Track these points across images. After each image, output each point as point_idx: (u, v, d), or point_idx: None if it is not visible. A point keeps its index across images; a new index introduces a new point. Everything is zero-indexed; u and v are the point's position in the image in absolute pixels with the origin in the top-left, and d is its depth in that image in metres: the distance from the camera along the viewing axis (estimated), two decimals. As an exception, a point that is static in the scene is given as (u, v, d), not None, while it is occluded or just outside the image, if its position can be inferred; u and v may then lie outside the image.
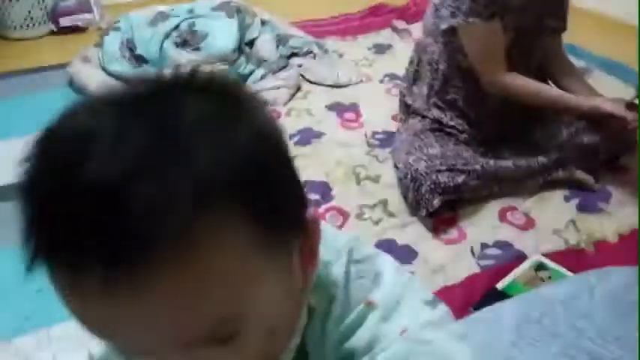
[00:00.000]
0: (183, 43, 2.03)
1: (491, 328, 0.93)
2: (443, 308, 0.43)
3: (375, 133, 1.83)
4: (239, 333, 0.33)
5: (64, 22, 2.84)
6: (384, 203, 1.51)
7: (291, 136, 1.81)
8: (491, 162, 1.50)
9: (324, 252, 0.42)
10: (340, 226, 1.43)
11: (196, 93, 0.32)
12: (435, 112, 1.60)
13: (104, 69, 2.06)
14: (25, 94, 2.12)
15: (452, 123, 1.58)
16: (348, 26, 2.77)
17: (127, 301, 0.29)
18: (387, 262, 0.45)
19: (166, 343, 0.32)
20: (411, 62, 1.68)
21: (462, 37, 1.44)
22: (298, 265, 0.37)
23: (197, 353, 0.33)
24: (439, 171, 1.43)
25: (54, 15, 2.84)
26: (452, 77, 1.54)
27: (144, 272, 0.28)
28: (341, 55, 2.40)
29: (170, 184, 0.28)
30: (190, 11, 2.15)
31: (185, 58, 1.97)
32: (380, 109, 1.96)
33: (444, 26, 1.46)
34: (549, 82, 1.61)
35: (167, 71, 0.34)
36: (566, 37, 1.59)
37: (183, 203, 0.28)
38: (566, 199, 1.50)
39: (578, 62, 2.26)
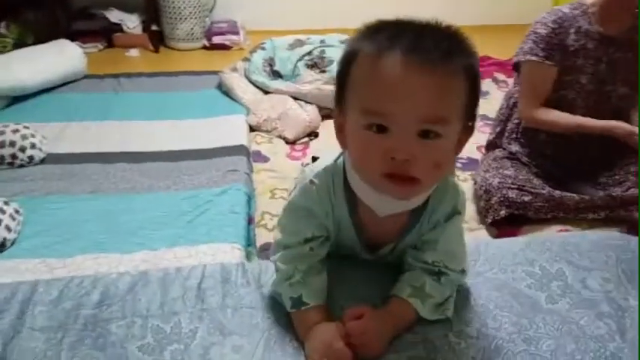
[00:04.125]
0: (313, 65, 2.49)
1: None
2: None
3: (459, 158, 2.13)
4: (437, 138, 0.61)
5: (216, 39, 3.47)
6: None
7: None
8: (558, 192, 1.72)
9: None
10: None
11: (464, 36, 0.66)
12: (513, 148, 1.87)
13: (247, 78, 2.58)
14: (181, 90, 2.68)
15: (525, 159, 1.83)
16: (452, 72, 3.11)
17: (418, 72, 0.59)
18: None
19: (412, 114, 0.59)
20: (500, 107, 1.97)
21: (521, 73, 1.70)
22: (460, 140, 0.66)
23: (413, 137, 0.60)
24: (510, 188, 1.69)
25: (209, 33, 3.48)
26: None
27: (442, 65, 0.59)
28: (441, 95, 2.74)
29: (445, 49, 0.60)
30: (322, 41, 2.63)
31: (313, 77, 2.43)
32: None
33: (515, 59, 1.72)
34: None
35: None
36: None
37: (455, 53, 0.61)
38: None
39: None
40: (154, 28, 3.39)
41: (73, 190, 1.72)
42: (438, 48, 0.60)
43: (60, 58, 2.65)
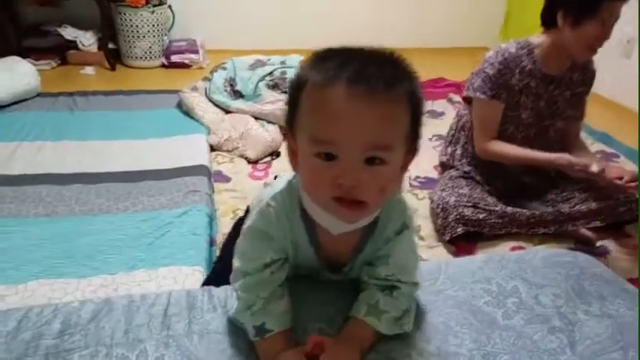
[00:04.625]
0: (274, 86, 2.52)
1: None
2: None
3: (417, 177, 2.20)
4: (382, 164, 0.63)
5: (175, 58, 3.46)
6: (417, 229, 1.85)
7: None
8: (510, 208, 1.81)
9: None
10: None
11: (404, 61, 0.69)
12: (466, 168, 1.95)
13: (208, 97, 2.57)
14: (140, 109, 2.64)
15: (479, 177, 1.92)
16: (409, 93, 3.21)
17: (361, 102, 0.60)
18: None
19: (358, 143, 0.61)
20: (450, 127, 2.05)
21: (472, 108, 1.81)
22: (404, 163, 0.69)
23: (359, 165, 0.62)
24: (465, 206, 1.77)
25: (167, 52, 3.46)
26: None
27: (384, 93, 0.61)
28: (399, 115, 2.83)
29: (389, 77, 0.62)
30: (283, 62, 2.66)
31: (274, 98, 2.45)
32: (425, 160, 2.33)
33: (465, 93, 1.83)
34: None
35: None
36: (602, 127, 1.92)
37: (398, 80, 0.63)
38: (569, 249, 1.79)
39: (608, 148, 2.59)
40: (110, 45, 3.34)
41: (25, 213, 1.66)
42: (382, 76, 0.62)
43: (10, 75, 2.57)
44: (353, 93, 0.61)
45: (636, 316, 0.81)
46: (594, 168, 1.71)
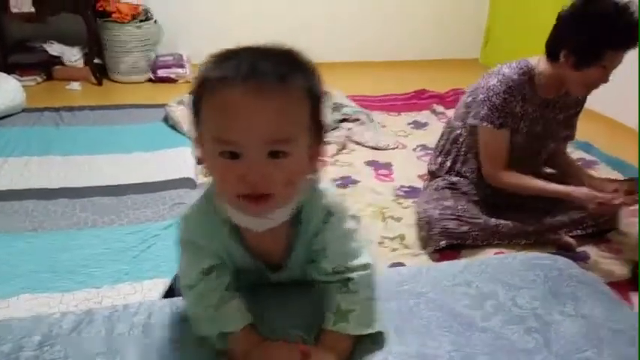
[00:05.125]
0: (259, 99, 2.53)
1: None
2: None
3: (402, 186, 2.23)
4: (286, 157, 0.64)
5: (161, 72, 3.47)
6: (401, 237, 1.87)
7: (334, 180, 2.23)
8: (493, 219, 1.84)
9: (328, 185, 0.79)
10: (365, 249, 1.79)
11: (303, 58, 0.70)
12: (453, 179, 1.98)
13: (194, 111, 2.58)
14: (126, 124, 2.65)
15: (464, 189, 1.94)
16: (394, 104, 3.26)
17: (254, 99, 0.62)
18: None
19: (258, 139, 0.62)
20: (441, 136, 2.08)
21: (478, 136, 1.82)
22: (313, 153, 0.70)
23: (263, 160, 0.63)
24: (449, 219, 1.79)
25: (154, 67, 3.47)
26: (470, 159, 1.92)
27: (276, 87, 0.63)
28: (384, 126, 2.86)
29: (282, 72, 0.64)
30: (268, 75, 2.68)
31: (259, 110, 2.47)
32: (409, 170, 2.37)
33: (470, 121, 1.83)
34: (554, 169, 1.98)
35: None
36: (583, 136, 1.96)
37: (288, 74, 0.65)
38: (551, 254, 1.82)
39: (587, 156, 2.65)
40: (96, 61, 3.35)
41: (12, 228, 1.66)
42: (275, 72, 0.64)
43: (-5, 91, 2.56)
44: (246, 90, 0.63)
45: (611, 317, 0.84)
46: (616, 201, 1.67)
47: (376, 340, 0.77)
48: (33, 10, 3.00)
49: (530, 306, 0.84)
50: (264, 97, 0.63)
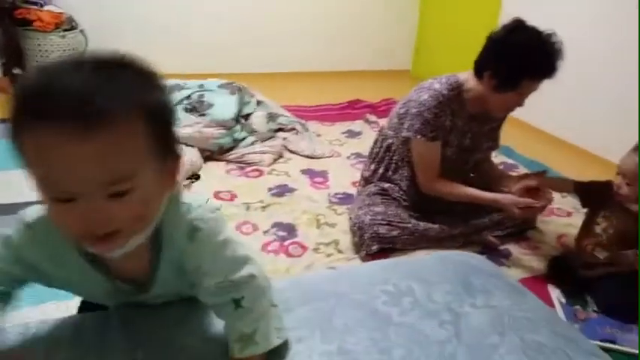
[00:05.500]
0: (191, 109, 2.52)
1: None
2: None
3: (337, 193, 2.28)
4: (128, 194, 0.57)
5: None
6: (336, 242, 1.92)
7: (270, 189, 2.25)
8: (422, 224, 1.92)
9: (193, 200, 0.72)
10: (299, 256, 1.82)
11: (131, 65, 0.59)
12: (385, 185, 2.05)
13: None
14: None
15: (395, 195, 2.02)
16: (328, 114, 3.33)
17: (79, 141, 0.52)
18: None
19: (88, 187, 0.54)
20: (374, 143, 2.14)
21: (412, 147, 1.90)
22: (165, 173, 0.62)
23: (101, 201, 0.56)
24: (380, 224, 1.86)
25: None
26: (402, 167, 1.99)
27: (93, 126, 0.52)
28: (319, 135, 2.92)
29: (112, 94, 0.54)
30: (201, 86, 2.67)
31: (192, 121, 2.45)
32: (344, 177, 2.43)
33: (404, 134, 1.89)
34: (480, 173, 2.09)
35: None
36: (504, 141, 2.09)
37: (118, 104, 0.54)
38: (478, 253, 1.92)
39: (509, 160, 2.82)
40: (16, 71, 3.19)
41: None
42: (101, 104, 0.53)
43: None
44: (66, 132, 0.52)
45: (515, 305, 0.91)
46: (537, 205, 1.77)
47: (300, 341, 0.79)
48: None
49: (443, 300, 0.90)
50: (89, 138, 0.53)
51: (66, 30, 3.20)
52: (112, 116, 0.54)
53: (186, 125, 2.44)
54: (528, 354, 0.81)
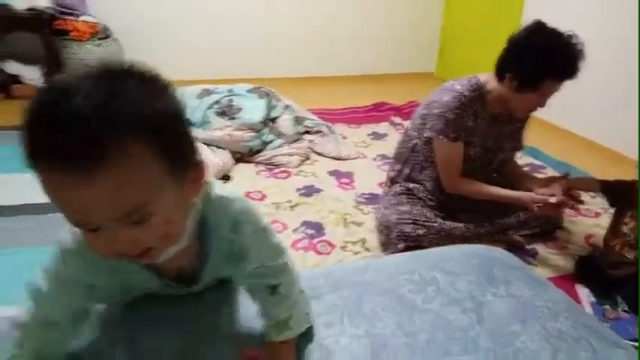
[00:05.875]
0: (222, 113, 2.61)
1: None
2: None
3: (363, 193, 2.33)
4: (149, 219, 0.55)
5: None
6: (363, 241, 1.96)
7: (298, 189, 2.31)
8: (447, 223, 1.95)
9: (228, 193, 0.74)
10: (328, 253, 1.88)
11: (134, 75, 0.55)
12: (410, 185, 2.08)
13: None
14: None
15: (421, 195, 2.05)
16: (354, 117, 3.38)
17: (84, 184, 0.49)
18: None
19: (108, 219, 0.53)
20: (399, 144, 2.17)
21: (434, 147, 1.93)
22: (187, 185, 0.60)
23: (124, 229, 0.55)
24: (406, 223, 1.89)
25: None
26: (426, 167, 2.02)
27: (96, 168, 0.49)
28: (345, 137, 2.97)
29: (114, 122, 0.49)
30: (230, 90, 2.76)
31: (223, 124, 2.54)
32: (370, 178, 2.47)
33: (427, 134, 1.92)
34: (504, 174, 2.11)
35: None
36: (531, 142, 2.11)
37: (122, 134, 0.50)
38: (503, 251, 1.94)
39: (536, 161, 2.82)
40: (57, 79, 3.34)
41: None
42: (91, 144, 0.49)
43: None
44: (72, 171, 0.50)
45: (537, 296, 0.94)
46: (553, 199, 1.78)
47: (330, 324, 0.84)
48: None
49: (466, 289, 0.93)
50: (96, 180, 0.50)
51: (101, 39, 3.34)
52: (118, 150, 0.50)
53: (217, 128, 2.53)
54: (551, 342, 0.84)
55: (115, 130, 0.50)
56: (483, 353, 0.79)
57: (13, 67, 3.31)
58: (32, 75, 3.33)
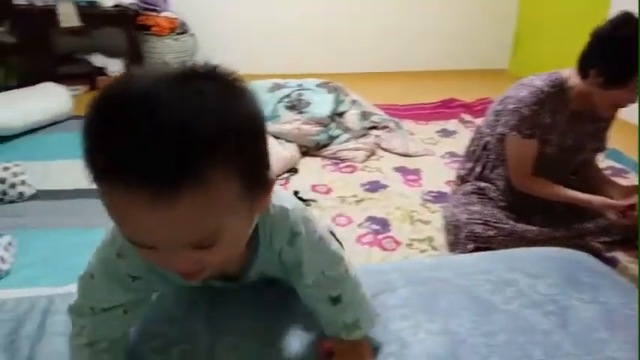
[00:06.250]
0: (291, 107, 2.65)
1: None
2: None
3: (430, 191, 2.29)
4: (217, 243, 0.51)
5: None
6: (430, 239, 1.93)
7: (363, 185, 2.31)
8: (520, 225, 1.87)
9: (285, 202, 0.70)
10: (393, 250, 1.87)
11: (213, 78, 0.51)
12: (481, 184, 2.03)
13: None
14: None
15: (492, 194, 1.99)
16: (422, 113, 3.32)
17: (165, 207, 0.44)
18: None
19: (174, 245, 0.49)
20: (471, 142, 2.11)
21: (506, 143, 1.86)
22: (256, 205, 0.56)
23: (187, 252, 0.51)
24: (476, 223, 1.84)
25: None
26: (498, 166, 1.95)
27: (176, 194, 0.44)
28: (412, 134, 2.93)
29: (203, 140, 0.44)
30: (300, 85, 2.80)
31: (292, 118, 2.58)
32: (437, 176, 2.43)
33: (500, 130, 1.87)
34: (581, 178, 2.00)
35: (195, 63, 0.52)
36: (613, 144, 1.99)
37: (210, 153, 0.45)
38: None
39: (617, 164, 2.65)
40: (136, 72, 3.53)
41: (65, 224, 1.79)
42: (160, 169, 0.44)
43: (46, 99, 2.75)
44: (143, 194, 0.45)
45: (626, 304, 0.89)
46: (625, 203, 1.71)
47: (405, 318, 0.84)
48: (80, 24, 3.21)
49: (548, 292, 0.90)
50: (183, 199, 0.45)
51: (179, 34, 3.49)
52: (205, 171, 0.46)
53: (286, 122, 2.58)
54: (641, 353, 0.80)
55: (204, 148, 0.45)
56: (567, 359, 0.76)
57: (98, 60, 3.53)
58: (115, 68, 3.54)
